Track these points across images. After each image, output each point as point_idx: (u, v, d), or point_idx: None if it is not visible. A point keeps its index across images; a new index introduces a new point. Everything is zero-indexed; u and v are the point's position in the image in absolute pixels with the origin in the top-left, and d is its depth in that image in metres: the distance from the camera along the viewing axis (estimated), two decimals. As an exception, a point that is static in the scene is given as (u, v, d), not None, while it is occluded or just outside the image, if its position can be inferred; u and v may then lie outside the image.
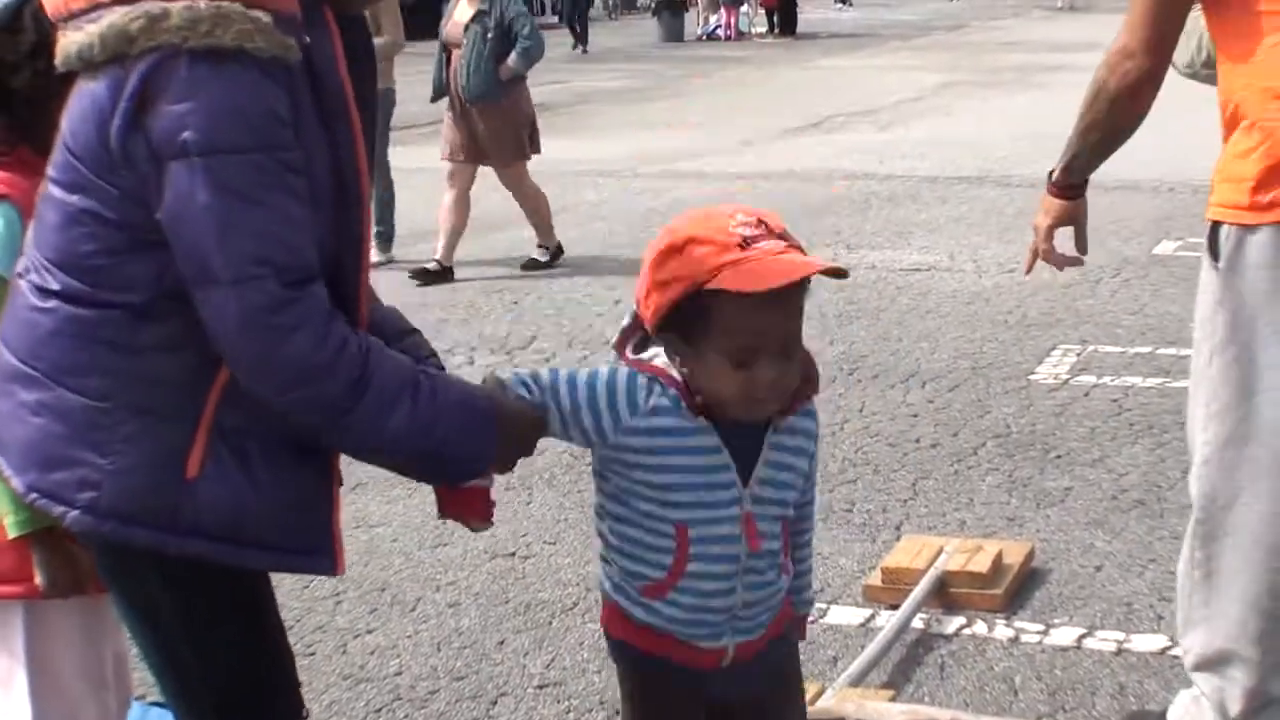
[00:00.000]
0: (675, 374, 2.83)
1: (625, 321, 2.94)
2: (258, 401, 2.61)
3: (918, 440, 7.18)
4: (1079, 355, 8.61)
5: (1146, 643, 4.97)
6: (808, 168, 16.15)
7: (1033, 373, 8.31)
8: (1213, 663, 4.09)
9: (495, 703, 4.75)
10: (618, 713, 4.53)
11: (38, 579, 3.17)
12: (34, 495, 2.70)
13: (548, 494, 6.56)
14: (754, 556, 2.88)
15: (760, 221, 2.77)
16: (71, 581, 3.18)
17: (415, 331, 3.06)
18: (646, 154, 17.58)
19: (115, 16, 2.52)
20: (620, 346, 2.93)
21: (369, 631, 5.27)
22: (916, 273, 11.00)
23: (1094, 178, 4.32)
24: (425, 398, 2.65)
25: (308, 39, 2.61)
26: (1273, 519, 3.89)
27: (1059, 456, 6.88)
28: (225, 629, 2.83)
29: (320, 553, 2.81)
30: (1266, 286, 3.80)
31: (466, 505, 2.94)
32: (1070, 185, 4.29)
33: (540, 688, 4.84)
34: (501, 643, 5.17)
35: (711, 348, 2.74)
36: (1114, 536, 5.88)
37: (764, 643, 3.00)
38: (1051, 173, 4.29)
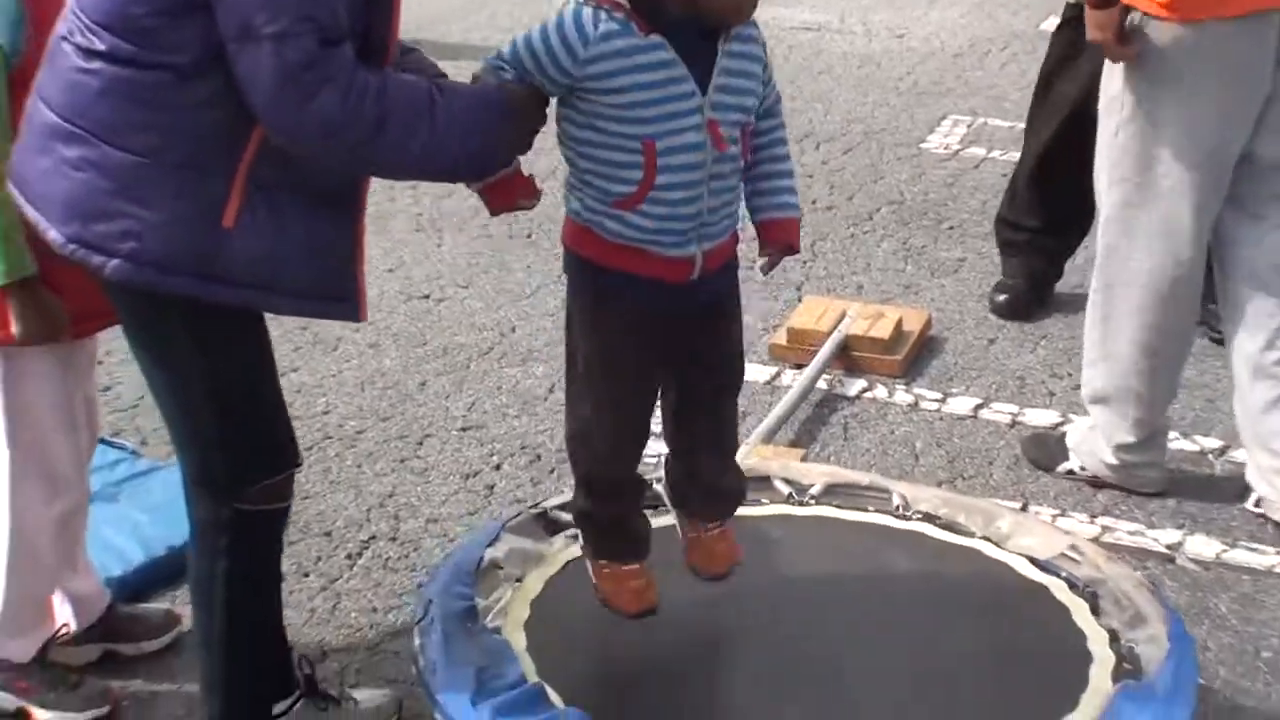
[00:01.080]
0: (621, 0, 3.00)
1: None
2: (290, 156, 2.77)
3: (814, 202, 7.33)
4: (969, 127, 8.76)
5: (1040, 417, 5.22)
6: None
7: (924, 141, 8.46)
8: (1108, 396, 4.59)
9: (421, 443, 4.93)
10: (538, 457, 4.78)
11: (14, 328, 3.27)
12: (74, 247, 2.83)
13: (458, 238, 6.71)
14: (719, 161, 3.07)
15: None
16: (48, 330, 3.28)
17: (414, 49, 3.20)
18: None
19: None
20: None
21: (294, 370, 5.40)
22: (807, 32, 11.01)
23: None
24: (442, 113, 2.82)
25: None
26: (1160, 271, 4.42)
27: (951, 227, 7.09)
28: (240, 375, 3.04)
29: (346, 299, 3.03)
30: (1170, 73, 4.24)
31: (512, 192, 3.12)
32: None
33: (464, 430, 5.03)
34: (423, 384, 5.35)
35: None
36: (1007, 310, 6.13)
37: (727, 252, 3.25)
38: None
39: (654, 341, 3.22)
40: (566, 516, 3.79)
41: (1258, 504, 4.55)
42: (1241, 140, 4.32)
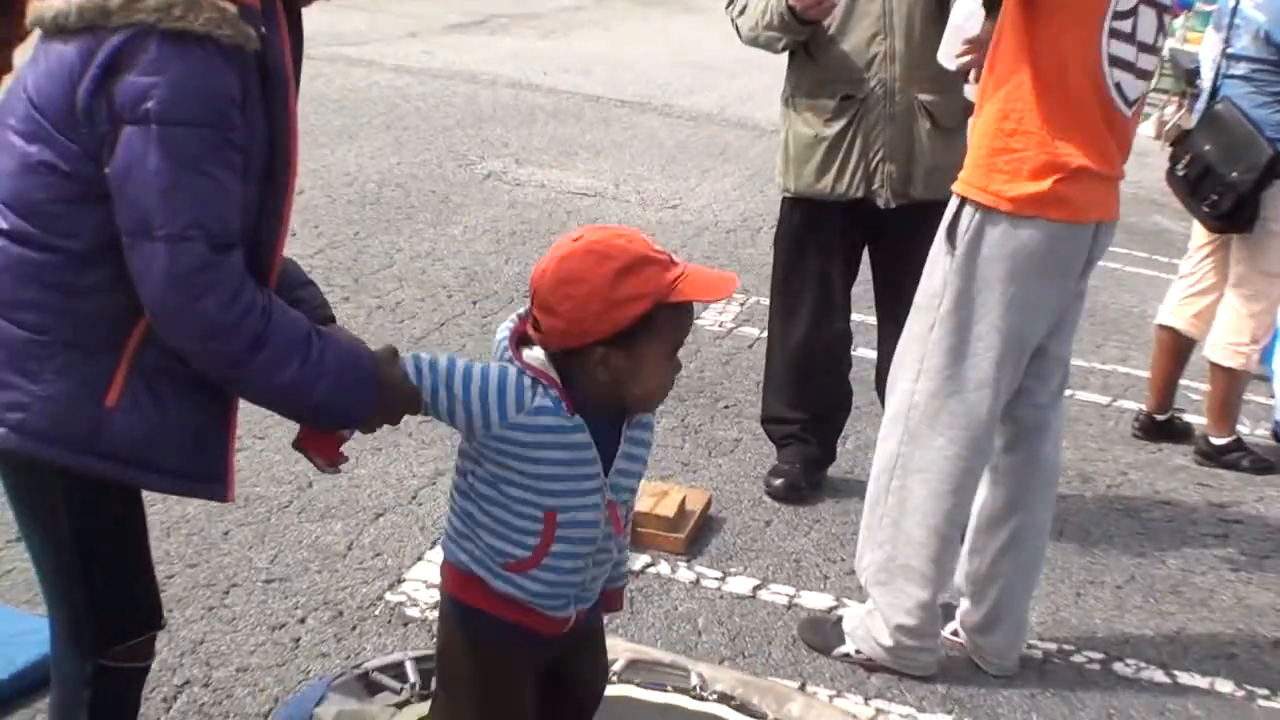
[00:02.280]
0: (554, 375, 3.19)
1: (507, 329, 3.29)
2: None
3: (596, 374, 7.58)
4: (742, 305, 9.18)
5: (815, 600, 5.53)
6: (474, 70, 16.41)
7: (699, 317, 8.79)
8: (892, 575, 4.94)
9: (228, 593, 5.08)
10: (340, 613, 4.96)
11: None
12: None
13: (256, 388, 6.83)
14: (608, 537, 3.29)
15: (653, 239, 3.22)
16: None
17: (311, 283, 3.42)
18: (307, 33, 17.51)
19: None
20: (514, 346, 3.24)
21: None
22: (584, 197, 11.41)
23: (754, 120, 4.99)
24: (315, 357, 3.00)
25: (264, 30, 2.93)
26: (960, 459, 4.80)
27: (727, 406, 7.44)
28: (112, 544, 3.19)
29: (216, 480, 3.18)
30: (1002, 270, 4.65)
31: (319, 446, 3.29)
32: None
33: (268, 582, 5.20)
34: (226, 534, 5.50)
35: (651, 350, 3.15)
36: (781, 492, 6.45)
37: (591, 607, 3.44)
38: None
39: (530, 680, 3.39)
40: (388, 680, 4.00)
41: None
42: (1041, 336, 4.77)
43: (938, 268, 4.79)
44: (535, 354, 3.24)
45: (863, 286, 6.48)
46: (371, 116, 13.36)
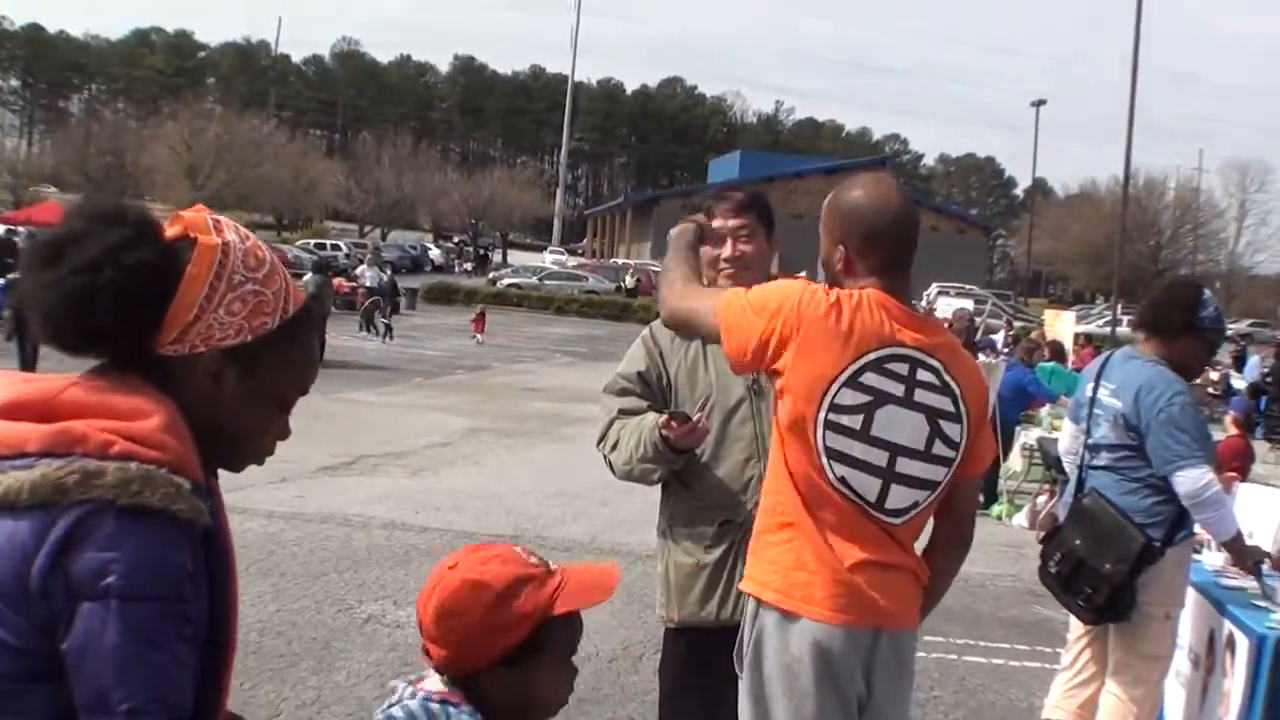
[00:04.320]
0: (458, 693, 3.28)
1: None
2: None
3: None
4: (627, 736, 9.14)
5: None
6: (347, 513, 16.40)
7: (588, 751, 8.77)
8: None
9: None
10: None
11: None
12: None
13: None
14: None
15: (526, 549, 3.36)
16: None
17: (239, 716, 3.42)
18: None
19: (49, 468, 2.82)
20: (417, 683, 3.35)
21: None
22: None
23: (629, 546, 5.06)
24: None
25: (210, 504, 2.99)
26: None
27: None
28: None
29: None
30: (774, 691, 4.74)
31: None
32: None
33: None
34: None
35: (547, 664, 3.27)
36: None
37: None
38: None
39: None
40: None
41: None
42: None
43: (745, 690, 4.88)
44: (435, 680, 3.32)
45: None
46: (248, 564, 13.31)
